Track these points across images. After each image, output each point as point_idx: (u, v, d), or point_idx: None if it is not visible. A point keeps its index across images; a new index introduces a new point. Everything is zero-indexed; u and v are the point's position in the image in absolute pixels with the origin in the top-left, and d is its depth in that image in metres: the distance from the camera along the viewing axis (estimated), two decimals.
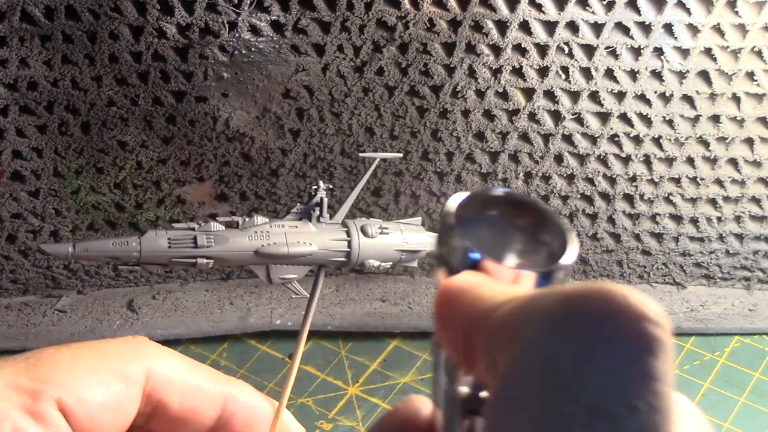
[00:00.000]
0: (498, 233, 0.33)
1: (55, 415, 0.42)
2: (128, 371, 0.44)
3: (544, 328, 0.28)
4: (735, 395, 0.92)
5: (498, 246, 0.33)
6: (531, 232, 0.33)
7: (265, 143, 0.87)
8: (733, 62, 0.85)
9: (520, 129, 0.88)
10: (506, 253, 0.33)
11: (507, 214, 0.33)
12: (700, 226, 0.95)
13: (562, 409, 0.26)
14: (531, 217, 0.33)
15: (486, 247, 0.32)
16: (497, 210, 0.33)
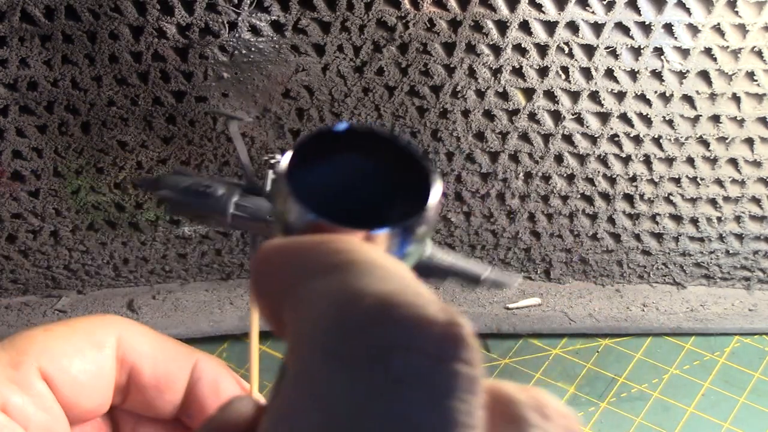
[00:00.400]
0: (349, 180, 0.27)
1: (38, 383, 0.43)
2: (100, 338, 0.45)
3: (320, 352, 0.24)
4: (735, 395, 0.92)
5: (352, 197, 0.27)
6: (389, 173, 0.27)
7: (265, 143, 0.87)
8: (733, 62, 0.85)
9: (520, 129, 0.88)
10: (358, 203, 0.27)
11: (361, 155, 0.27)
12: (700, 226, 0.95)
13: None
14: (388, 156, 0.27)
15: (331, 199, 0.26)
16: (348, 150, 0.27)
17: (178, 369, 0.47)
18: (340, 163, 0.27)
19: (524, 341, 0.96)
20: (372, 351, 0.23)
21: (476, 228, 0.95)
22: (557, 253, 0.98)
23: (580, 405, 0.91)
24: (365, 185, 0.27)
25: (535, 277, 1.00)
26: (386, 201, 0.27)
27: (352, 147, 0.27)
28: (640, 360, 0.95)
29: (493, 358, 0.94)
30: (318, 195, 0.26)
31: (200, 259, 0.96)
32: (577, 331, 0.97)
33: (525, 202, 0.94)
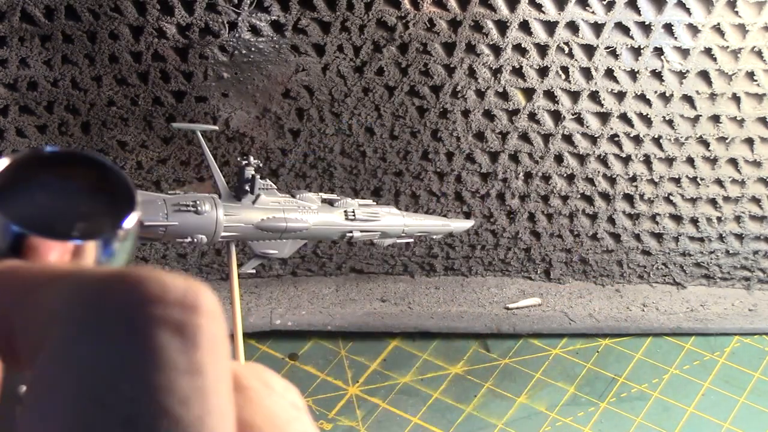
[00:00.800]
0: (57, 199, 0.29)
1: None
2: None
3: (71, 324, 0.24)
4: (735, 395, 0.92)
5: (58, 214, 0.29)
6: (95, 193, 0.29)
7: (265, 143, 0.87)
8: (733, 62, 0.85)
9: (520, 129, 0.88)
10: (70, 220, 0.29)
11: (66, 176, 0.29)
12: (700, 226, 0.95)
13: (95, 423, 0.23)
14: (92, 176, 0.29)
15: (39, 218, 0.28)
16: (54, 172, 0.29)
17: None
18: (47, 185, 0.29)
19: (524, 341, 0.96)
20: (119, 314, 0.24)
21: (476, 228, 0.95)
22: (557, 253, 0.98)
23: (580, 405, 0.91)
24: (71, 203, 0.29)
25: (535, 277, 1.00)
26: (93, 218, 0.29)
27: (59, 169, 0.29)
28: (640, 360, 0.95)
29: (493, 358, 0.94)
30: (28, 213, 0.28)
31: (200, 259, 0.96)
32: (577, 331, 0.97)
33: (525, 202, 0.94)
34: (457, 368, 0.93)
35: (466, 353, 0.94)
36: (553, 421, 0.89)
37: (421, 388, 0.91)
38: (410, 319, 0.96)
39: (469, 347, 0.95)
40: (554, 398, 0.91)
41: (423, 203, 0.93)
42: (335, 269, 0.98)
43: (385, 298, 0.98)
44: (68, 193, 0.29)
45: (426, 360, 0.94)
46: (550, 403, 0.91)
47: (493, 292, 0.99)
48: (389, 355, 0.94)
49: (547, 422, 0.89)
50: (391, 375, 0.92)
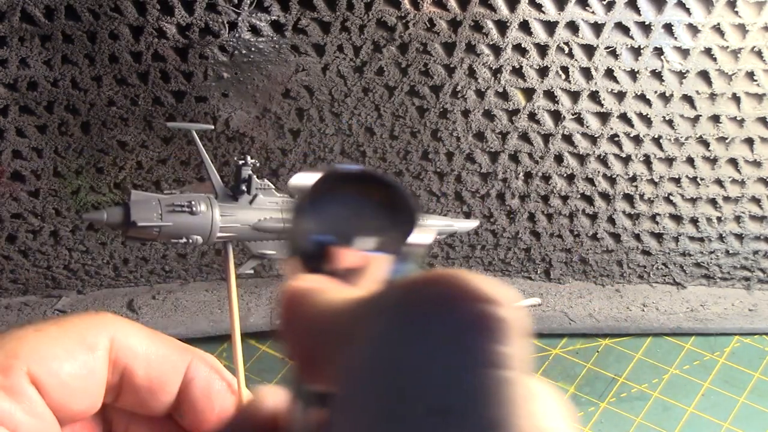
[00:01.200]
0: (353, 213, 0.32)
1: (28, 388, 0.42)
2: (92, 340, 0.45)
3: (382, 324, 0.26)
4: (735, 395, 0.92)
5: (354, 227, 0.31)
6: (388, 210, 0.31)
7: (265, 143, 0.87)
8: (733, 62, 0.85)
9: (520, 129, 0.88)
10: (363, 233, 0.31)
11: (362, 192, 0.31)
12: (700, 226, 0.95)
13: (403, 409, 0.25)
14: (385, 194, 0.31)
15: (340, 229, 0.30)
16: (351, 188, 0.32)
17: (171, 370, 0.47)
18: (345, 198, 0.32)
19: None
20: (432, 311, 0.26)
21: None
22: (557, 253, 0.98)
23: (580, 405, 0.91)
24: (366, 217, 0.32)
25: (535, 277, 1.00)
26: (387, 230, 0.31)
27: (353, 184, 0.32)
28: (640, 360, 0.95)
29: None
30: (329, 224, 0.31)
31: (200, 259, 0.96)
32: (577, 331, 0.97)
33: (525, 202, 0.94)
34: None
35: None
36: None
37: None
38: None
39: None
40: None
41: (423, 203, 0.93)
42: None
43: None
44: (363, 209, 0.32)
45: None
46: None
47: None
48: None
49: None
50: None
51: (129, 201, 0.68)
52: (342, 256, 0.30)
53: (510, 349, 0.25)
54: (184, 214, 0.69)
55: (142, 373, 0.46)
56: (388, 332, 0.26)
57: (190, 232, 0.69)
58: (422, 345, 0.25)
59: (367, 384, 0.26)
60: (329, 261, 0.30)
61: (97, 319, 0.46)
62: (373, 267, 0.30)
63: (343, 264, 0.30)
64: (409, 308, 0.26)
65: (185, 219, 0.69)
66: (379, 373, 0.25)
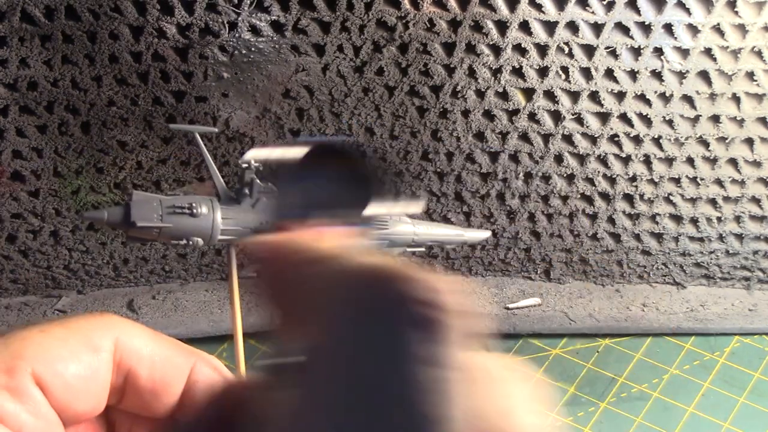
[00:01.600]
0: (330, 187, 0.33)
1: (32, 389, 0.43)
2: (97, 341, 0.45)
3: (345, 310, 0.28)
4: (735, 395, 0.92)
5: (322, 201, 0.33)
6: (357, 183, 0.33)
7: (265, 143, 0.87)
8: (733, 62, 0.85)
9: (520, 129, 0.88)
10: (329, 207, 0.33)
11: (339, 165, 0.33)
12: (700, 226, 0.95)
13: (355, 404, 0.26)
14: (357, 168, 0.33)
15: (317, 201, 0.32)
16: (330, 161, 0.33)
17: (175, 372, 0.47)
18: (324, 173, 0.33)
19: (524, 341, 0.96)
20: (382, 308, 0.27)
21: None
22: (557, 253, 0.98)
23: (580, 405, 0.91)
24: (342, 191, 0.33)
25: (535, 277, 1.00)
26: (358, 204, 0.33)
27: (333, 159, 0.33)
28: (640, 360, 0.95)
29: None
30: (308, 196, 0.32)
31: (200, 259, 0.96)
32: (577, 331, 0.97)
33: (525, 202, 0.94)
34: None
35: None
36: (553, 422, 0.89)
37: None
38: None
39: None
40: (554, 398, 0.91)
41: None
42: None
43: None
44: (339, 182, 0.33)
45: None
46: None
47: (493, 292, 0.99)
48: None
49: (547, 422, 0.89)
50: None
51: (130, 201, 0.67)
52: (304, 231, 0.31)
53: (446, 348, 0.27)
54: (185, 216, 0.69)
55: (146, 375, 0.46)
56: (342, 315, 0.28)
57: (190, 233, 0.69)
58: (368, 336, 0.27)
59: (326, 360, 0.27)
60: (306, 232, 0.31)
61: (102, 320, 0.47)
62: (348, 239, 0.31)
63: (318, 235, 0.31)
64: (358, 295, 0.28)
65: (186, 221, 0.69)
66: (334, 351, 0.27)
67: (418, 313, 0.27)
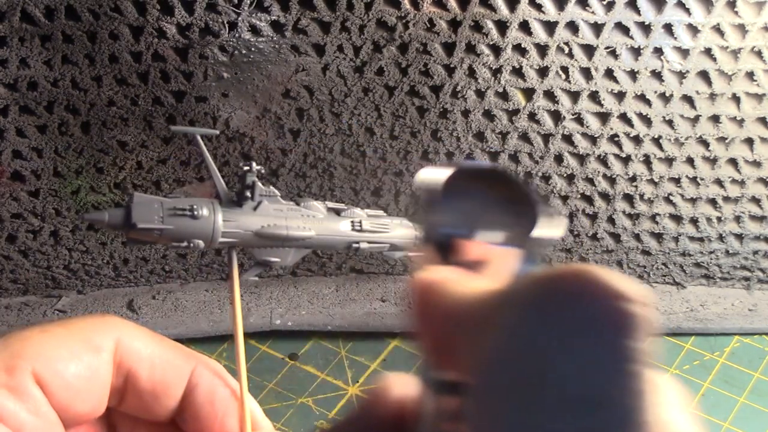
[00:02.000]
0: (481, 208, 0.33)
1: (32, 388, 0.43)
2: (98, 342, 0.45)
3: (519, 313, 0.27)
4: (735, 395, 0.92)
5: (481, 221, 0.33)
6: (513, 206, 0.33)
7: (265, 143, 0.87)
8: (733, 62, 0.85)
9: (520, 129, 0.88)
10: (490, 227, 0.33)
11: (489, 188, 0.33)
12: (700, 226, 0.95)
13: (538, 397, 0.26)
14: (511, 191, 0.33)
15: (468, 222, 0.32)
16: (479, 184, 0.33)
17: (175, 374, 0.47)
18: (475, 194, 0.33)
19: None
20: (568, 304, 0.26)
21: None
22: (557, 253, 0.98)
23: None
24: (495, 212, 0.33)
25: None
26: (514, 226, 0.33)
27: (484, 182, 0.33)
28: None
29: None
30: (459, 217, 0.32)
31: (200, 259, 0.96)
32: None
33: None
34: None
35: None
36: None
37: None
38: None
39: None
40: None
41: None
42: (335, 269, 0.98)
43: (385, 298, 0.97)
44: (490, 204, 0.33)
45: None
46: None
47: None
48: (389, 355, 0.94)
49: None
50: None
51: (131, 203, 0.68)
52: (470, 248, 0.31)
53: (643, 345, 0.26)
54: (186, 218, 0.69)
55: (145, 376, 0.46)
56: (526, 322, 0.26)
57: (191, 235, 0.69)
58: (559, 337, 0.26)
59: (504, 373, 0.26)
60: (458, 253, 0.32)
61: (103, 321, 0.46)
62: (499, 260, 0.31)
63: (471, 256, 0.31)
64: (546, 300, 0.27)
65: (187, 222, 0.69)
66: (516, 363, 0.26)
67: (616, 308, 0.26)
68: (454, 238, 0.31)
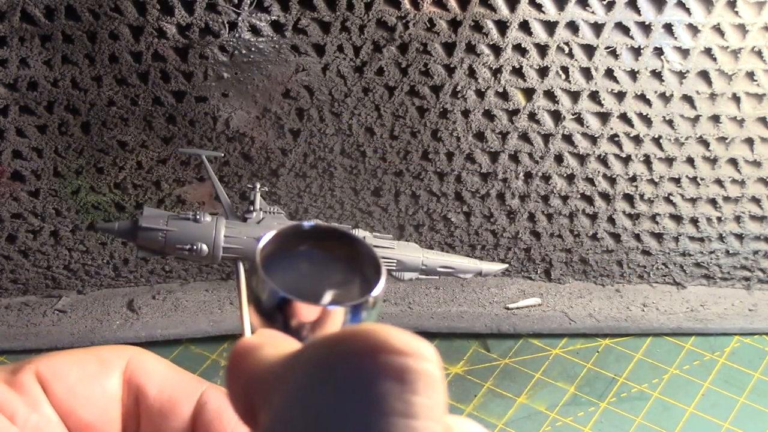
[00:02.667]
0: (315, 267, 0.33)
1: (32, 384, 0.43)
2: (105, 355, 0.46)
3: (302, 376, 0.27)
4: (735, 395, 0.92)
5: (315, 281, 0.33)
6: (347, 263, 0.33)
7: (265, 143, 0.87)
8: (733, 62, 0.85)
9: (520, 129, 0.88)
10: (324, 286, 0.33)
11: (323, 247, 0.33)
12: (700, 226, 0.95)
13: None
14: (346, 248, 0.33)
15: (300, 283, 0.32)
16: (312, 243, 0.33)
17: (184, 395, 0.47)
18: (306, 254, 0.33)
19: (524, 341, 0.96)
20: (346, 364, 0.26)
21: (476, 228, 0.95)
22: (557, 253, 0.98)
23: (580, 405, 0.91)
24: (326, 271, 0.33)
25: (535, 277, 1.00)
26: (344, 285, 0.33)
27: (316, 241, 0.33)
28: (640, 360, 0.95)
29: (493, 358, 0.94)
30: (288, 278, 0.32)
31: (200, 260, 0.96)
32: (577, 331, 0.97)
33: (525, 202, 0.94)
34: (457, 368, 0.93)
35: (466, 353, 0.94)
36: (553, 421, 0.89)
37: None
38: (410, 319, 0.96)
39: (469, 347, 0.95)
40: (554, 398, 0.91)
41: (423, 203, 0.93)
42: None
43: (385, 298, 0.98)
44: (323, 263, 0.33)
45: None
46: (550, 403, 0.91)
47: (493, 292, 0.99)
48: None
49: (547, 422, 0.89)
50: None
51: (140, 216, 0.72)
52: (300, 311, 0.31)
53: (418, 398, 0.26)
54: (189, 221, 0.72)
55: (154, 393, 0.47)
56: (303, 386, 0.26)
57: (194, 239, 0.72)
58: (334, 397, 0.26)
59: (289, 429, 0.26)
60: (288, 316, 0.31)
61: (117, 346, 0.48)
62: (331, 320, 0.31)
63: (301, 318, 0.31)
64: (323, 361, 0.26)
65: (189, 225, 0.72)
66: (298, 423, 0.26)
67: (385, 363, 0.26)
68: (284, 301, 0.31)
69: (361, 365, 0.26)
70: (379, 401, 0.25)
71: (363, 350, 0.26)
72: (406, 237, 0.95)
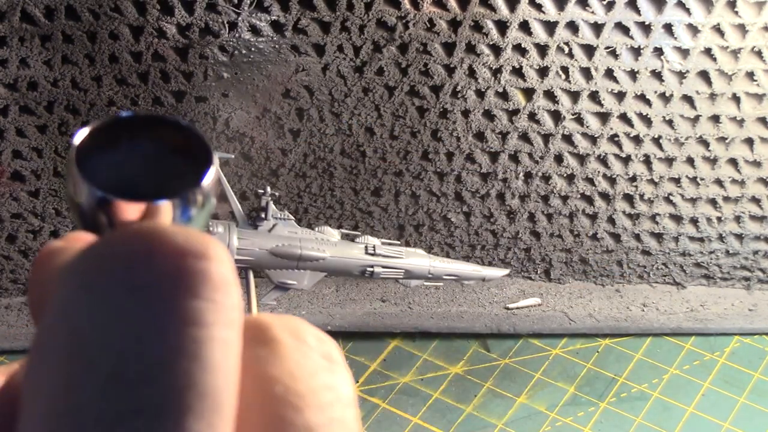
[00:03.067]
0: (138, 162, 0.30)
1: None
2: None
3: (67, 284, 0.23)
4: (735, 395, 0.92)
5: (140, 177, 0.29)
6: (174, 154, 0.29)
7: (265, 143, 0.87)
8: (733, 62, 0.85)
9: (520, 129, 0.88)
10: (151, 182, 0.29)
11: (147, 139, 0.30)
12: (700, 226, 0.95)
13: (82, 381, 0.22)
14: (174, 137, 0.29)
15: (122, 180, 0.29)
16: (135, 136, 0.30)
17: None
18: (129, 148, 0.30)
19: (524, 341, 0.96)
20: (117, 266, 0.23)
21: (476, 228, 0.95)
22: (557, 253, 0.98)
23: (580, 405, 0.91)
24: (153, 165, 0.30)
25: (535, 277, 1.00)
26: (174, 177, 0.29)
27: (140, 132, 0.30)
28: (640, 360, 0.95)
29: (493, 358, 0.94)
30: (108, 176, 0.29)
31: None
32: (577, 331, 0.97)
33: (525, 202, 0.94)
34: (457, 368, 0.93)
35: (466, 353, 0.94)
36: (553, 421, 0.89)
37: (421, 388, 0.91)
38: (410, 319, 0.96)
39: (469, 347, 0.95)
40: (554, 398, 0.91)
41: (423, 203, 0.93)
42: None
43: (385, 298, 0.98)
44: (149, 156, 0.29)
45: (426, 360, 0.94)
46: (550, 403, 0.91)
47: (493, 292, 0.99)
48: (389, 355, 0.94)
49: (547, 422, 0.89)
50: (391, 375, 0.92)
51: None
52: (122, 210, 0.28)
53: (208, 303, 0.22)
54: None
55: None
56: (68, 297, 0.23)
57: None
58: (104, 308, 0.22)
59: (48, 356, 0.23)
60: (111, 217, 0.28)
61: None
62: (158, 216, 0.28)
63: (124, 217, 0.28)
64: (92, 267, 0.23)
65: None
66: (63, 343, 0.22)
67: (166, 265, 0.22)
68: (106, 201, 0.28)
69: (131, 270, 0.22)
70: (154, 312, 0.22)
71: (133, 252, 0.23)
72: (406, 237, 0.94)
